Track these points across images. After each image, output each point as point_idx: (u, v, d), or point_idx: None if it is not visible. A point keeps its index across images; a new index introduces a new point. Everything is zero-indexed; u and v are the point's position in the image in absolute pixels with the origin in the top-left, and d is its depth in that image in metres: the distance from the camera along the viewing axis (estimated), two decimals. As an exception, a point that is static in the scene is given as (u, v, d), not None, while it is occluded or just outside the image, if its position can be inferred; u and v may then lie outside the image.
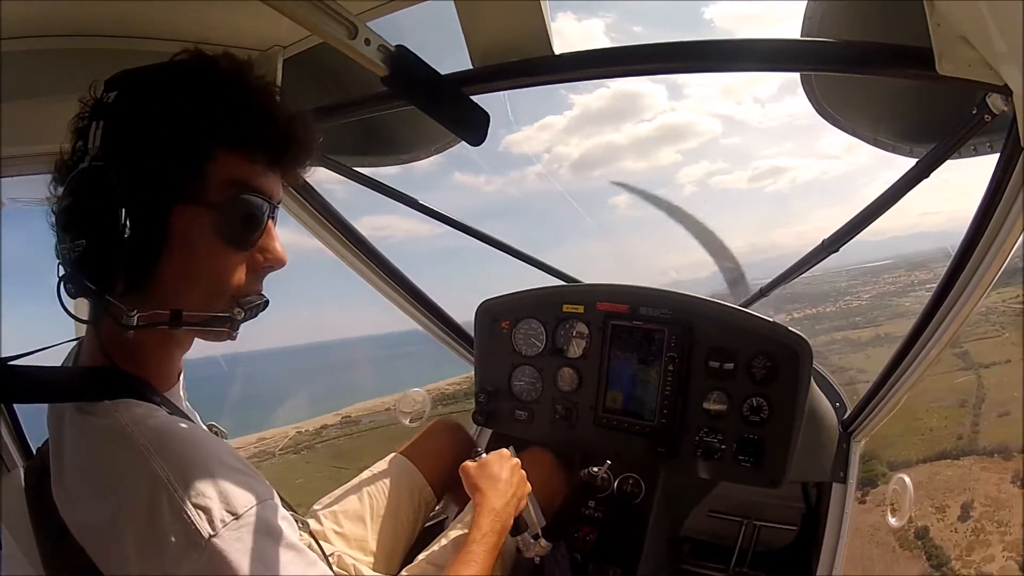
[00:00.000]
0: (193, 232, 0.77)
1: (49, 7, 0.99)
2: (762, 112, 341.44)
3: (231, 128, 0.79)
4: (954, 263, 1.39)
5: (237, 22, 1.18)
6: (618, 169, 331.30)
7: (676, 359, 1.69)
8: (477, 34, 1.17)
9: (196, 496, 0.67)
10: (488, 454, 1.50)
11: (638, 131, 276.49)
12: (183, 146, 0.76)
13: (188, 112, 0.77)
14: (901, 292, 22.88)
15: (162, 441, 0.71)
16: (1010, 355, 17.46)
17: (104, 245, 0.73)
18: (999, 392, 16.72)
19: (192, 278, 0.79)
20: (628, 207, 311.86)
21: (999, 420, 15.59)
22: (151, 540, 0.66)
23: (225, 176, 0.79)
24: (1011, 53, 0.77)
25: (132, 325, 0.76)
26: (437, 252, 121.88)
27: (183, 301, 0.79)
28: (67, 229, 0.76)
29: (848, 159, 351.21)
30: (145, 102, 0.77)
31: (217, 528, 0.67)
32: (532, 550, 1.50)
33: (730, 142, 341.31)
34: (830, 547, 1.79)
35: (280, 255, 0.86)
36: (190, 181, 0.77)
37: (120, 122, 0.76)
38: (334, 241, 1.93)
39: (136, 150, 0.75)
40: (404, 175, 1.88)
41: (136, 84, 0.79)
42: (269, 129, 0.81)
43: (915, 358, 1.64)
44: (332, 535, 1.49)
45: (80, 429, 0.76)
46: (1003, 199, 1.19)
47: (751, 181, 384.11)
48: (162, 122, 0.76)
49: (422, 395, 2.49)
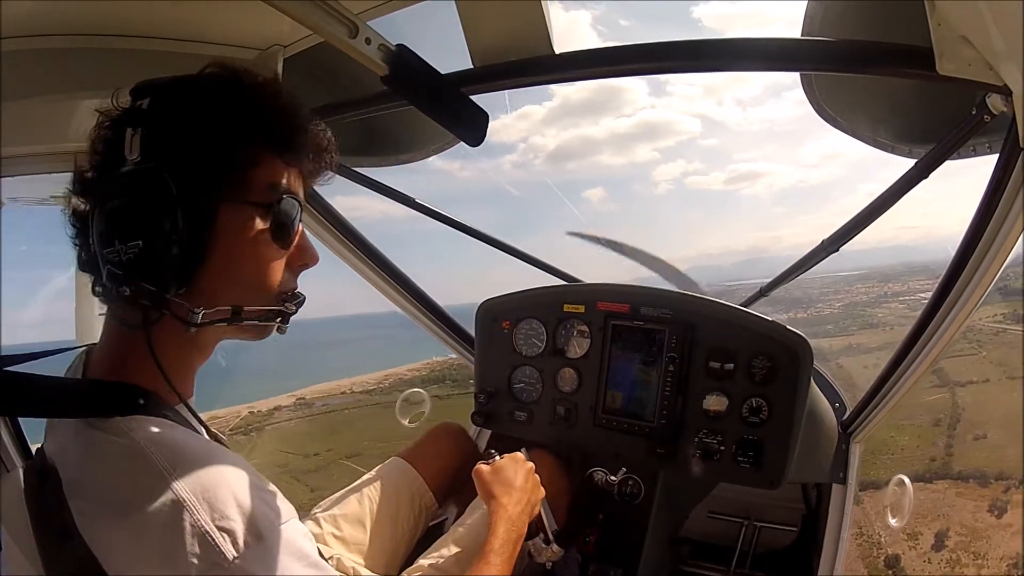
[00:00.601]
0: (241, 231, 0.81)
1: (49, 7, 0.99)
2: (743, 115, 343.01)
3: (272, 135, 0.84)
4: (954, 263, 1.39)
5: (237, 21, 1.18)
6: (594, 163, 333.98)
7: (677, 359, 1.69)
8: (477, 34, 1.17)
9: (219, 518, 0.67)
10: (502, 457, 1.48)
11: (616, 126, 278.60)
12: (230, 150, 0.80)
13: (233, 119, 0.81)
14: (874, 303, 22.68)
15: (181, 461, 0.70)
16: (988, 374, 16.89)
17: (162, 245, 0.75)
18: (975, 413, 16.06)
19: (239, 276, 0.83)
20: (601, 201, 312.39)
21: (975, 443, 15.01)
22: (174, 562, 0.66)
23: (267, 179, 0.84)
24: (1011, 53, 0.77)
25: (197, 322, 0.79)
26: (414, 233, 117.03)
27: (222, 298, 0.82)
28: (117, 231, 0.76)
29: (827, 169, 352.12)
30: (190, 109, 0.80)
31: (241, 550, 0.67)
32: (544, 555, 1.49)
33: (708, 143, 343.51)
34: (830, 548, 1.79)
35: (315, 254, 0.91)
36: (237, 183, 0.81)
37: (165, 128, 0.78)
38: (334, 241, 1.93)
39: (186, 154, 0.77)
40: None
41: (173, 92, 0.81)
42: (302, 138, 0.87)
43: (915, 359, 1.64)
44: (331, 539, 1.48)
45: (93, 445, 0.75)
46: (1003, 199, 1.19)
47: (727, 183, 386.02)
48: (210, 128, 0.79)
49: (422, 396, 2.49)
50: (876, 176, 44.96)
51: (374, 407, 21.95)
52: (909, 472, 1.91)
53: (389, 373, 24.65)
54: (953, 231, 1.73)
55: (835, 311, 22.51)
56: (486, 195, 48.52)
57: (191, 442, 0.75)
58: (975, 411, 15.96)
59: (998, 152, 1.16)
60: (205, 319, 0.80)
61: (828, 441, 1.84)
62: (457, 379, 24.62)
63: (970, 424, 15.52)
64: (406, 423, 2.42)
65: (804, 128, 75.49)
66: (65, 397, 0.80)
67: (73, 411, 0.78)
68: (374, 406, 22.06)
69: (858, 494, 1.87)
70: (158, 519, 0.67)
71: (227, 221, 0.80)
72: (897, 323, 22.49)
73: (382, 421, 20.82)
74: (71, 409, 0.78)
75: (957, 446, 14.58)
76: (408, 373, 25.15)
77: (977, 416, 15.82)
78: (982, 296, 1.39)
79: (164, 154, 0.76)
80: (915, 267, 23.90)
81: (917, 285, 23.64)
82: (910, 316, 14.28)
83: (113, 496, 0.71)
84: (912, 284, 23.70)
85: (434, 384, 24.45)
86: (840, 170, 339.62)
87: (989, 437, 15.03)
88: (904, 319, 22.67)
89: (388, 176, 1.88)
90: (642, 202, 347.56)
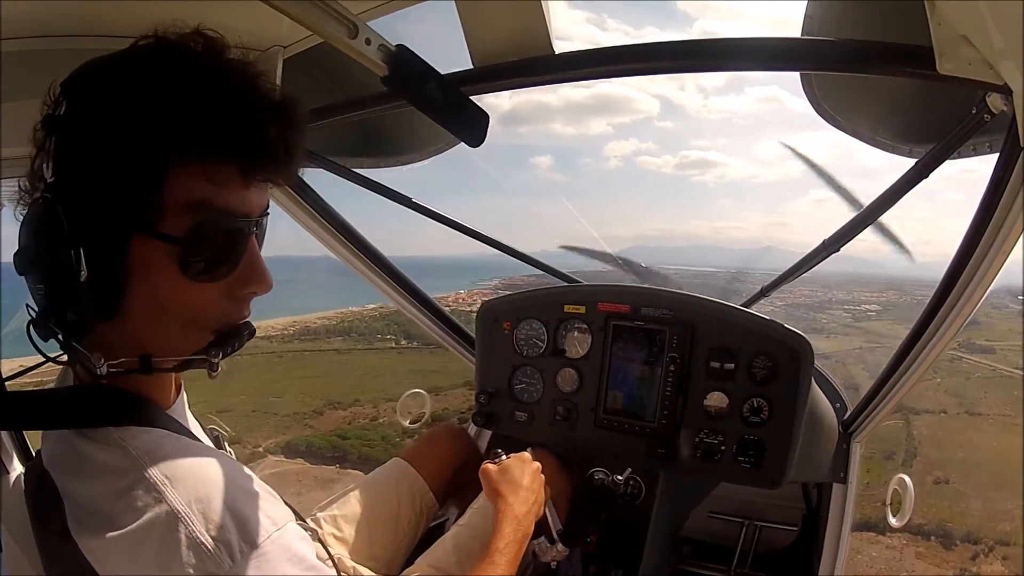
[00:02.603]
0: (153, 267, 0.69)
1: (49, 7, 0.99)
2: (703, 102, 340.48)
3: (189, 136, 0.66)
4: (954, 264, 1.39)
5: (237, 22, 1.18)
6: (546, 130, 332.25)
7: (677, 359, 1.69)
8: (477, 34, 1.17)
9: (214, 529, 0.66)
10: (508, 457, 1.48)
11: (572, 95, 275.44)
12: (133, 165, 0.65)
13: (139, 120, 0.65)
14: (817, 307, 21.98)
15: (176, 473, 0.69)
16: (945, 405, 15.60)
17: (64, 288, 0.67)
18: (934, 450, 14.19)
19: (162, 315, 0.72)
20: (548, 169, 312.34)
21: (935, 489, 13.12)
22: (168, 573, 0.65)
23: (182, 198, 0.67)
24: (1011, 52, 0.77)
25: (102, 375, 0.71)
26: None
27: (156, 338, 0.74)
28: (26, 270, 0.70)
29: (781, 169, 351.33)
30: (93, 110, 0.67)
31: (237, 559, 0.66)
32: (549, 554, 1.49)
33: (664, 125, 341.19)
34: (831, 548, 1.79)
35: (264, 281, 0.76)
36: (144, 208, 0.66)
37: (69, 138, 0.67)
38: (333, 241, 1.93)
39: (84, 174, 0.66)
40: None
41: (86, 87, 0.69)
42: (240, 130, 0.68)
43: (915, 359, 1.64)
44: (332, 539, 1.48)
45: (85, 456, 0.73)
46: (1003, 199, 1.19)
47: (678, 168, 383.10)
48: (110, 136, 0.65)
49: (423, 397, 2.49)
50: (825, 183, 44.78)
51: (268, 355, 21.40)
52: (859, 518, 1.81)
53: (297, 320, 24.36)
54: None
55: (776, 309, 22.11)
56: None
57: (184, 451, 0.73)
58: (933, 447, 14.20)
59: (998, 152, 1.16)
60: (111, 370, 0.71)
61: (829, 441, 1.84)
62: (364, 332, 24.17)
63: (929, 463, 13.73)
64: (406, 423, 2.42)
65: (763, 124, 73.24)
66: (56, 407, 0.77)
67: (65, 421, 0.75)
68: (268, 355, 21.52)
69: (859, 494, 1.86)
70: (153, 532, 0.66)
71: (138, 253, 0.68)
72: (841, 332, 21.57)
73: (268, 372, 20.20)
74: (63, 419, 0.76)
75: (915, 489, 13.15)
76: (317, 321, 24.64)
77: (936, 454, 14.05)
78: (983, 296, 1.39)
79: (66, 175, 0.66)
80: (861, 279, 23.32)
81: (863, 296, 23.40)
82: (854, 327, 12.76)
83: (107, 508, 0.70)
84: (857, 295, 23.39)
85: (338, 336, 24.28)
86: (794, 172, 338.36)
87: (951, 483, 13.14)
88: (848, 329, 22.03)
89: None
90: (589, 176, 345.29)
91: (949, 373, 16.01)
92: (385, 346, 23.68)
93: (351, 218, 1.93)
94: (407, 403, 2.45)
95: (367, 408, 19.36)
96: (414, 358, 21.21)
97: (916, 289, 20.43)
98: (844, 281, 22.47)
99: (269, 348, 22.00)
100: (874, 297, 23.69)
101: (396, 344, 23.39)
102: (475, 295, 9.72)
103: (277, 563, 0.69)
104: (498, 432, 2.05)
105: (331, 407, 19.70)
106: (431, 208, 1.92)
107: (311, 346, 23.94)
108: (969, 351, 16.65)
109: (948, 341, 1.53)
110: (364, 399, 19.73)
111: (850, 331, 22.05)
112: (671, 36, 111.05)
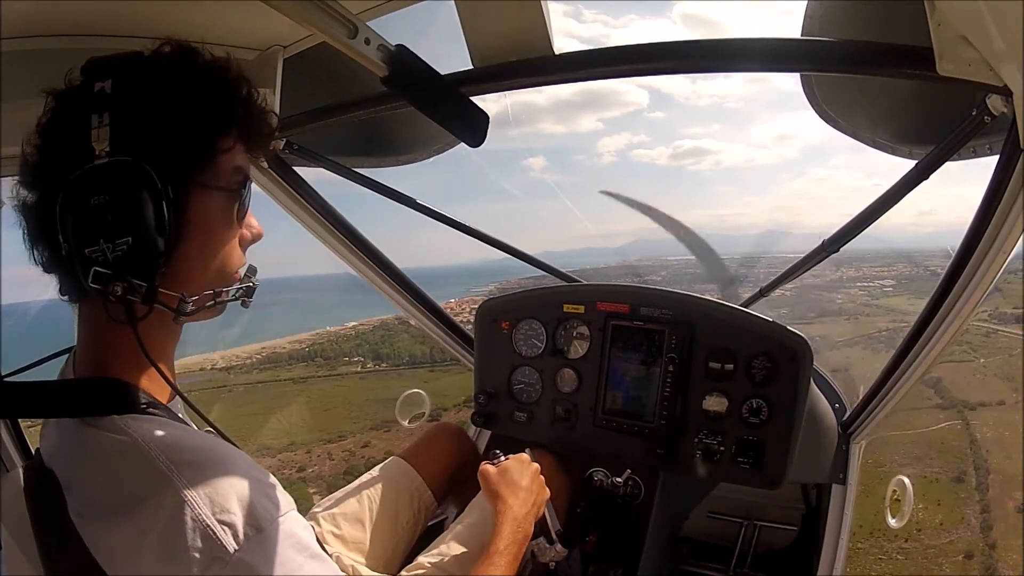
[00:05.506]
0: (210, 217, 0.82)
1: (49, 7, 0.99)
2: (692, 88, 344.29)
3: (235, 119, 0.83)
4: (954, 264, 1.39)
5: (237, 22, 1.18)
6: (536, 131, 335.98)
7: (676, 360, 1.68)
8: (477, 34, 1.17)
9: (220, 512, 0.68)
10: (507, 458, 1.48)
11: (560, 93, 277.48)
12: (205, 138, 0.80)
13: (204, 105, 0.80)
14: (830, 288, 20.16)
15: (181, 458, 0.70)
16: (1000, 393, 12.33)
17: (150, 240, 0.74)
18: (1006, 460, 10.08)
19: (211, 260, 0.84)
20: (542, 170, 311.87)
21: (1020, 520, 8.87)
22: (175, 558, 0.66)
23: (232, 163, 0.84)
24: (1011, 53, 0.77)
25: (188, 311, 0.80)
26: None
27: (195, 284, 0.82)
28: (101, 229, 0.73)
29: (776, 151, 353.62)
30: (158, 94, 0.77)
31: (241, 543, 0.68)
32: (548, 555, 1.49)
33: (655, 116, 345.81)
34: (830, 548, 1.79)
35: (261, 228, 0.93)
36: (208, 170, 0.81)
37: (135, 115, 0.75)
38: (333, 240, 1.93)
39: (161, 144, 0.76)
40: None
41: (136, 73, 0.78)
42: (254, 117, 0.86)
43: (915, 359, 1.64)
44: (331, 537, 1.48)
45: (89, 444, 0.75)
46: (1003, 200, 1.19)
47: (672, 159, 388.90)
48: (183, 115, 0.78)
49: (422, 397, 2.48)
50: (827, 162, 43.57)
51: (217, 390, 18.81)
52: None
53: (267, 346, 22.53)
54: (900, 221, 1.72)
55: (787, 294, 21.42)
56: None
57: (189, 438, 0.75)
58: (1004, 456, 9.94)
59: (998, 153, 1.16)
60: (195, 306, 0.81)
61: (828, 441, 1.84)
62: (330, 355, 22.05)
63: (1005, 480, 9.52)
64: (406, 423, 2.42)
65: (754, 106, 73.03)
66: (60, 397, 0.79)
67: (69, 410, 0.78)
68: (218, 389, 19.07)
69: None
70: (159, 516, 0.67)
71: (198, 207, 0.80)
72: (862, 312, 19.96)
73: (208, 409, 17.74)
74: (67, 408, 0.78)
75: (997, 527, 8.26)
76: (288, 346, 22.39)
77: (1010, 465, 9.77)
78: (982, 296, 1.39)
79: (138, 144, 0.74)
80: (867, 255, 21.44)
81: (873, 272, 21.90)
82: (874, 305, 11.51)
83: (112, 495, 0.71)
84: (867, 271, 21.97)
85: (302, 362, 22.02)
86: (790, 152, 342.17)
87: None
88: (868, 308, 20.45)
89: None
90: (584, 173, 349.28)
91: (989, 351, 13.31)
92: (349, 370, 21.62)
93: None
94: (407, 403, 2.45)
95: (299, 454, 16.30)
96: (376, 384, 19.71)
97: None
98: (850, 258, 21.26)
99: (223, 381, 20.20)
100: (886, 272, 22.38)
101: (361, 368, 21.59)
102: (465, 303, 9.54)
103: (281, 547, 0.70)
104: (497, 432, 2.05)
105: (259, 454, 15.21)
106: (431, 208, 1.92)
107: (268, 376, 21.84)
108: (1003, 322, 13.96)
109: (948, 341, 1.53)
110: (299, 441, 16.76)
111: (870, 310, 20.57)
112: (653, 24, 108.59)
